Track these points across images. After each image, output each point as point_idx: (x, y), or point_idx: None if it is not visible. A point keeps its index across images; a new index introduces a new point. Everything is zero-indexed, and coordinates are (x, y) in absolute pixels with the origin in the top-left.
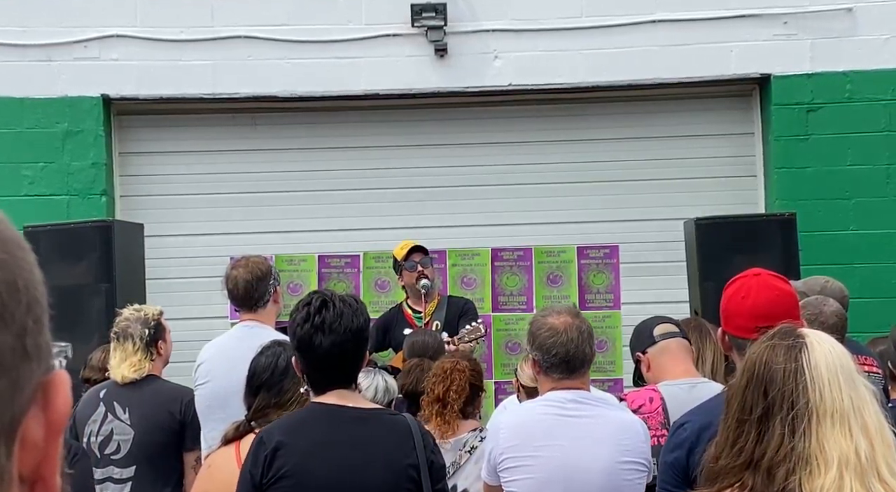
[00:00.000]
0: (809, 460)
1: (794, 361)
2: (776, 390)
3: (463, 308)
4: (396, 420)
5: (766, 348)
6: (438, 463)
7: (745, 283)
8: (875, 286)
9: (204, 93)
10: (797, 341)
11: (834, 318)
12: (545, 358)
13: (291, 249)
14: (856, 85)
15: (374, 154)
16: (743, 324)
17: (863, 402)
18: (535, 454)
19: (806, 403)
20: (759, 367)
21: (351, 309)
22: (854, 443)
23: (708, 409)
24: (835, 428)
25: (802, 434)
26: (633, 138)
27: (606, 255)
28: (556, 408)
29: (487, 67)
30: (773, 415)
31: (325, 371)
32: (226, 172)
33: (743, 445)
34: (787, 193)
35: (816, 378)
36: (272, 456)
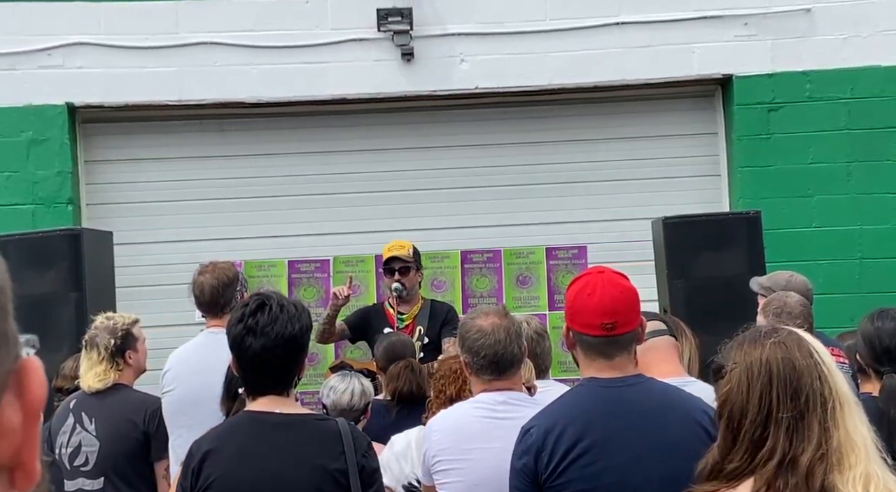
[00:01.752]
0: (842, 450)
1: (810, 357)
2: (807, 387)
3: (446, 316)
4: (324, 425)
5: (775, 347)
6: (370, 467)
7: (590, 280)
8: (838, 282)
9: (170, 99)
10: (798, 338)
11: (799, 307)
12: (475, 360)
13: (261, 254)
14: (816, 84)
15: (342, 159)
16: (589, 320)
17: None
18: (466, 457)
19: (833, 396)
20: (778, 367)
21: (287, 315)
22: (868, 427)
23: (551, 412)
24: (853, 416)
25: (836, 428)
26: (598, 139)
27: (575, 255)
28: (487, 410)
29: (454, 71)
30: (809, 412)
31: (256, 375)
32: (193, 179)
33: (773, 446)
34: (751, 192)
35: (831, 369)
36: (199, 466)
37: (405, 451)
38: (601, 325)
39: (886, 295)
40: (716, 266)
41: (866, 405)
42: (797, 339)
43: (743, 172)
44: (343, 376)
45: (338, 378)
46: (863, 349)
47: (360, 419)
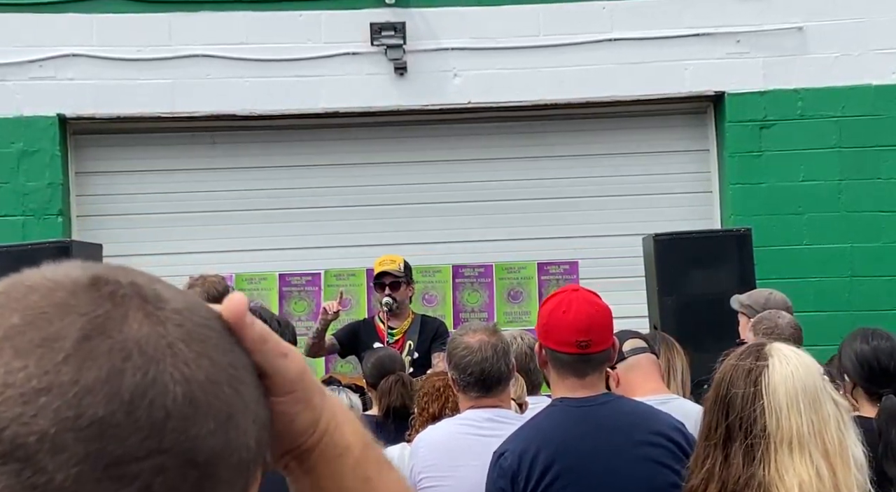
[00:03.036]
0: (769, 488)
1: (754, 386)
2: (735, 414)
3: (437, 331)
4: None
5: (730, 369)
6: None
7: (565, 298)
8: (828, 300)
9: (162, 112)
10: (759, 364)
11: (790, 329)
12: (462, 377)
13: (252, 267)
14: (807, 102)
15: (334, 172)
16: (563, 338)
17: (824, 424)
18: (452, 474)
19: (763, 429)
20: (722, 388)
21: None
22: (815, 468)
23: (525, 435)
24: (793, 455)
25: (760, 461)
26: (590, 155)
27: (566, 271)
28: (473, 427)
29: (447, 85)
30: (732, 440)
31: None
32: (185, 191)
33: (711, 467)
34: (742, 209)
35: (774, 404)
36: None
37: None
38: (576, 342)
39: (876, 313)
40: (706, 283)
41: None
42: (752, 367)
43: (734, 188)
44: (332, 391)
45: (327, 392)
46: (857, 371)
47: None
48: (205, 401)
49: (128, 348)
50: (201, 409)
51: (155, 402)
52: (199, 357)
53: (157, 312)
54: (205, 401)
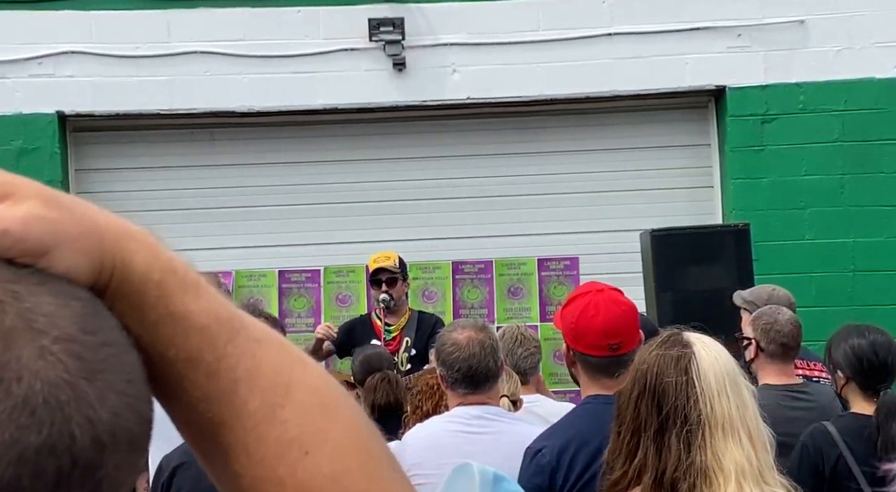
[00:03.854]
0: (708, 472)
1: (685, 374)
2: (669, 404)
3: (434, 327)
4: None
5: (655, 359)
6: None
7: (592, 300)
8: (830, 295)
9: (161, 109)
10: (685, 351)
11: (789, 326)
12: (449, 373)
13: (251, 264)
14: (809, 96)
15: (333, 169)
16: (594, 342)
17: (746, 408)
18: (440, 472)
19: (698, 416)
20: (650, 379)
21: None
22: (744, 451)
23: (562, 432)
24: (727, 439)
25: (699, 448)
26: (591, 150)
27: (567, 266)
28: (461, 424)
29: (446, 81)
30: (668, 429)
31: None
32: (184, 188)
33: (643, 457)
34: (744, 204)
35: (706, 390)
36: (169, 481)
37: None
38: (607, 346)
39: (878, 308)
40: (704, 279)
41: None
42: (680, 355)
43: (736, 183)
44: None
45: None
46: (853, 366)
47: None
48: (111, 440)
49: (31, 403)
50: (108, 448)
51: (62, 454)
52: (102, 394)
53: (52, 346)
54: (111, 440)
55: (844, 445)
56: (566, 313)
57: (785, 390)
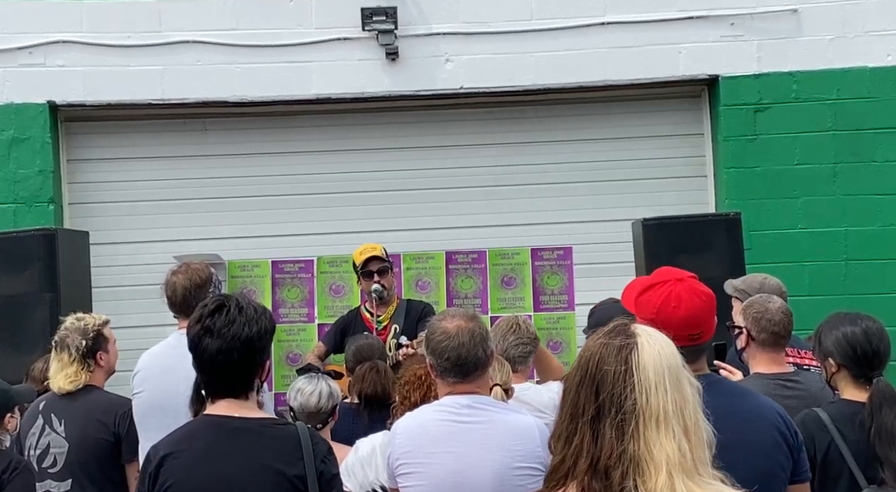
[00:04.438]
0: (640, 462)
1: (625, 364)
2: (606, 392)
3: (422, 312)
4: (283, 430)
5: (599, 347)
6: (329, 473)
7: (674, 291)
8: (823, 284)
9: (153, 98)
10: (629, 341)
11: (780, 314)
12: (439, 362)
13: (244, 254)
14: (802, 85)
15: (326, 158)
16: (675, 334)
17: (685, 402)
18: (428, 461)
19: (633, 405)
20: (591, 366)
21: (245, 317)
22: (677, 444)
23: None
24: (659, 431)
25: (631, 437)
26: (584, 140)
27: (560, 256)
28: (451, 413)
29: (439, 71)
30: (603, 416)
31: (214, 377)
32: (176, 178)
33: (580, 443)
34: (737, 193)
35: (644, 381)
36: (156, 471)
37: (370, 456)
38: (688, 337)
39: (871, 297)
40: (695, 268)
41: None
42: (622, 345)
43: (729, 172)
44: (310, 379)
45: (304, 380)
46: (845, 353)
47: (328, 421)
48: None
49: None
50: None
51: None
52: None
53: None
54: None
55: (836, 431)
56: (645, 301)
57: (776, 378)
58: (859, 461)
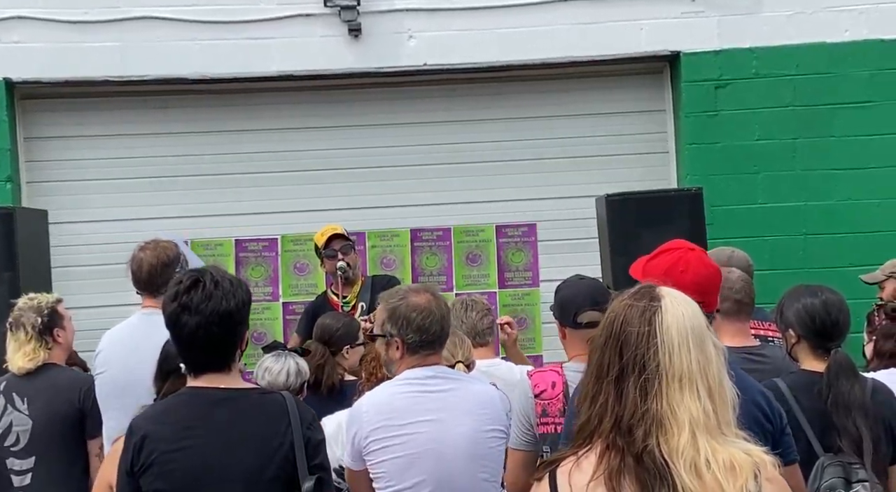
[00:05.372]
0: (663, 421)
1: (648, 325)
2: (630, 352)
3: (387, 284)
4: (268, 399)
5: (624, 308)
6: (315, 439)
7: (682, 257)
8: (783, 258)
9: (111, 75)
10: (653, 304)
11: (740, 282)
12: (414, 337)
13: (207, 233)
14: (762, 61)
15: (289, 136)
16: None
17: (708, 362)
18: (403, 432)
19: (656, 366)
20: (615, 326)
21: (222, 291)
22: (702, 404)
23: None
24: (683, 391)
25: (654, 396)
26: (547, 117)
27: (524, 233)
28: (417, 385)
29: (402, 47)
30: (627, 376)
31: (195, 353)
32: (136, 156)
33: (604, 402)
34: (698, 169)
35: (667, 342)
36: (140, 444)
37: (336, 434)
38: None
39: (829, 270)
40: (658, 243)
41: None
42: (646, 307)
43: (690, 148)
44: (277, 357)
45: (272, 359)
46: (805, 324)
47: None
48: None
49: None
50: None
51: None
52: None
53: None
54: None
55: (794, 400)
56: (653, 266)
57: (743, 351)
58: (815, 430)
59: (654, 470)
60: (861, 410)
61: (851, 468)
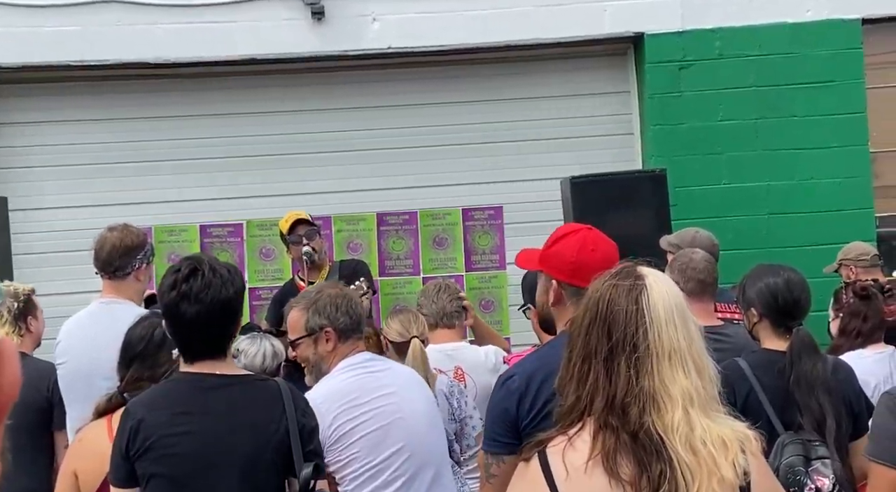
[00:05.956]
0: (656, 397)
1: (636, 303)
2: (619, 331)
3: (354, 269)
4: (264, 385)
5: (608, 288)
6: (310, 426)
7: (589, 236)
8: (746, 237)
9: (72, 60)
10: (638, 282)
11: (703, 262)
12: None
13: (171, 219)
14: (725, 42)
15: (252, 120)
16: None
17: (692, 340)
18: (369, 408)
19: (647, 344)
20: (601, 307)
21: (221, 279)
22: (691, 380)
23: (531, 361)
24: (674, 367)
25: (647, 374)
26: (512, 99)
27: (491, 216)
28: (361, 369)
29: (366, 30)
30: (617, 355)
31: (192, 340)
32: (98, 142)
33: (595, 382)
34: (662, 150)
35: (656, 319)
36: (137, 427)
37: None
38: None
39: (792, 249)
40: (623, 224)
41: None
42: (632, 286)
43: (655, 130)
44: (253, 339)
45: (247, 341)
46: (767, 303)
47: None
48: None
49: None
50: None
51: None
52: None
53: None
54: None
55: (755, 379)
56: (558, 251)
57: (706, 331)
58: (776, 408)
59: (650, 447)
60: (824, 387)
61: (811, 446)
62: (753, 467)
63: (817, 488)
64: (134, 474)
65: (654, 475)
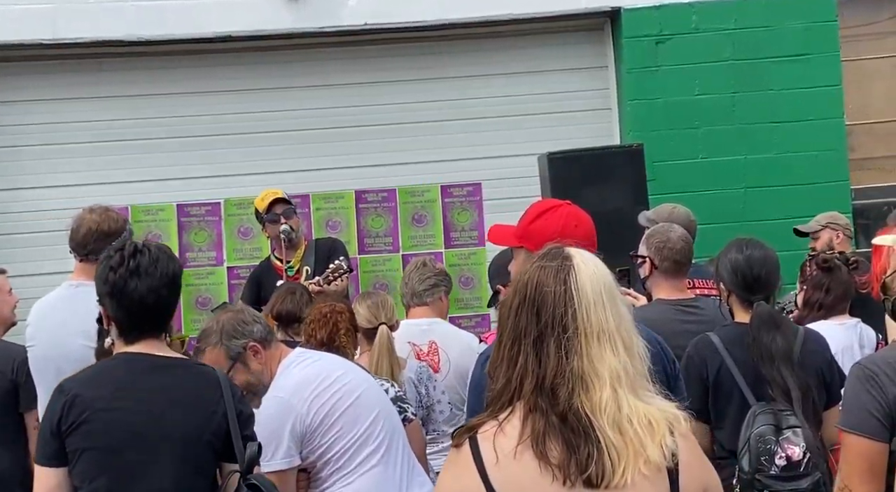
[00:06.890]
0: (584, 378)
1: (563, 284)
2: (548, 312)
3: (331, 248)
4: (203, 369)
5: (536, 270)
6: (247, 413)
7: (570, 212)
8: (723, 212)
9: (44, 38)
10: (566, 263)
11: (681, 242)
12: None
13: (148, 199)
14: (701, 16)
15: (228, 98)
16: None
17: (621, 318)
18: (338, 386)
19: (576, 325)
20: (530, 288)
21: (166, 255)
22: (620, 359)
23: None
24: (602, 347)
25: (575, 354)
26: (490, 75)
27: (470, 192)
28: (305, 359)
29: (342, 7)
30: (546, 337)
31: (138, 318)
32: (72, 122)
33: (524, 365)
34: (640, 125)
35: (584, 300)
36: (71, 403)
37: None
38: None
39: (769, 222)
40: (600, 200)
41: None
42: (559, 267)
43: (632, 105)
44: None
45: None
46: (731, 278)
47: None
48: None
49: None
50: None
51: None
52: None
53: None
54: None
55: (726, 352)
56: (541, 226)
57: (678, 304)
58: (748, 381)
59: (578, 429)
60: (785, 359)
61: (782, 415)
62: (682, 448)
63: (787, 457)
64: (63, 452)
65: (581, 458)
